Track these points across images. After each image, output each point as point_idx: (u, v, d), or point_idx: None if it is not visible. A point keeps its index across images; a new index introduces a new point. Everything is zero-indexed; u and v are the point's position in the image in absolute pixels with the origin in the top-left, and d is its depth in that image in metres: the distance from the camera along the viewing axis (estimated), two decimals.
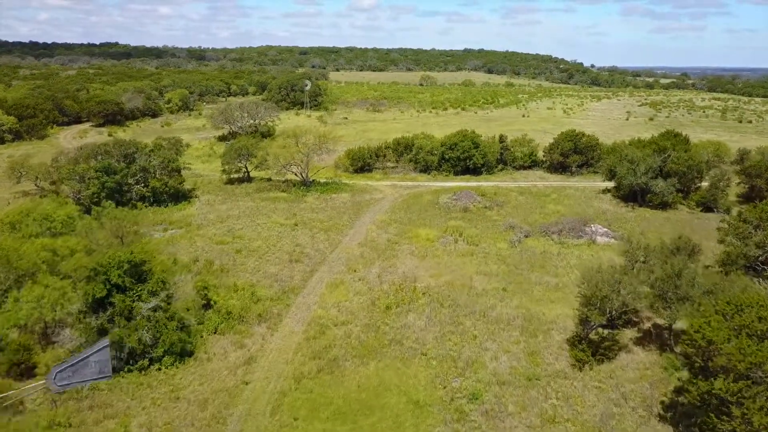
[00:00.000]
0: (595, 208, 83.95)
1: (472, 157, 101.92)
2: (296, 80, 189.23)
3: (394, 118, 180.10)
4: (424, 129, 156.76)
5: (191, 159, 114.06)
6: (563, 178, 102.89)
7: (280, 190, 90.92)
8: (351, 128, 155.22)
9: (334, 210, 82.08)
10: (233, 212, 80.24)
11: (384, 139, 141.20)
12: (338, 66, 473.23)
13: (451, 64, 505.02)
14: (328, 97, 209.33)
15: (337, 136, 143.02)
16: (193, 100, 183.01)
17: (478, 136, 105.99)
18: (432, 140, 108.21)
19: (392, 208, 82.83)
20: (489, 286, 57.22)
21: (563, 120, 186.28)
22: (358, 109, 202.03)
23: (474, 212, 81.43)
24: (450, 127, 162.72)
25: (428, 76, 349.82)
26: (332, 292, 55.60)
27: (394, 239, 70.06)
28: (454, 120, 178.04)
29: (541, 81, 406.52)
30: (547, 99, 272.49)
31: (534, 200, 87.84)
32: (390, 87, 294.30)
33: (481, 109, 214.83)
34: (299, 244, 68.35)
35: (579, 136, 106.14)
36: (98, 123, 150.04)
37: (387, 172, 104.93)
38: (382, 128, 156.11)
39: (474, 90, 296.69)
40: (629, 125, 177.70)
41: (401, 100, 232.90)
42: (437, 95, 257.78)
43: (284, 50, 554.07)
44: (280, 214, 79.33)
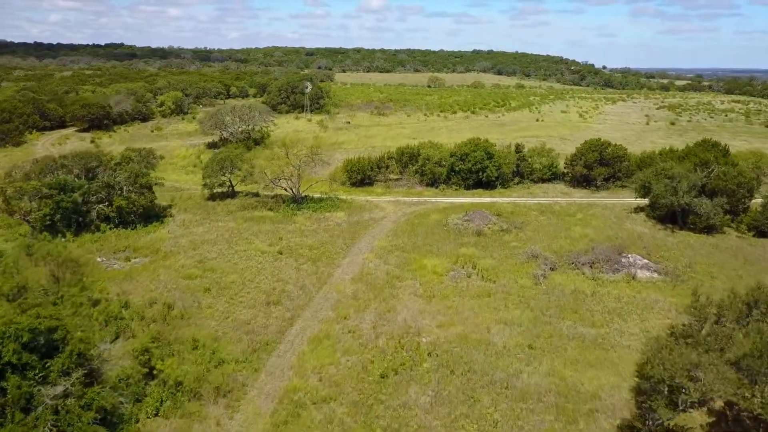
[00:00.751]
0: (629, 232, 72.02)
1: (485, 170, 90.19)
2: (297, 82, 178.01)
3: (400, 123, 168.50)
4: (432, 134, 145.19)
5: (175, 170, 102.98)
6: (588, 193, 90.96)
7: (266, 208, 79.43)
8: (353, 134, 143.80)
9: (326, 233, 70.57)
10: (210, 236, 68.87)
11: (388, 146, 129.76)
12: (345, 67, 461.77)
13: (459, 65, 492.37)
14: (330, 99, 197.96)
15: (338, 143, 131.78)
16: (187, 103, 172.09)
17: (491, 145, 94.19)
18: (440, 149, 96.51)
19: (394, 231, 71.25)
20: (511, 340, 45.55)
21: (579, 125, 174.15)
22: (362, 112, 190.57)
23: (489, 236, 69.70)
24: (459, 133, 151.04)
25: (436, 77, 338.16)
26: (314, 350, 44.08)
27: (395, 272, 58.48)
28: (464, 124, 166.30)
29: (552, 83, 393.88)
30: (560, 101, 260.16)
31: (557, 221, 75.99)
32: (396, 89, 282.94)
33: (492, 113, 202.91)
34: (281, 278, 56.88)
35: (604, 146, 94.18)
36: (82, 128, 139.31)
37: (390, 185, 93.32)
38: (386, 134, 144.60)
39: (484, 92, 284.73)
40: (650, 130, 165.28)
41: (408, 102, 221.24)
42: (446, 97, 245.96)
43: (290, 51, 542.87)
44: (263, 239, 67.89)
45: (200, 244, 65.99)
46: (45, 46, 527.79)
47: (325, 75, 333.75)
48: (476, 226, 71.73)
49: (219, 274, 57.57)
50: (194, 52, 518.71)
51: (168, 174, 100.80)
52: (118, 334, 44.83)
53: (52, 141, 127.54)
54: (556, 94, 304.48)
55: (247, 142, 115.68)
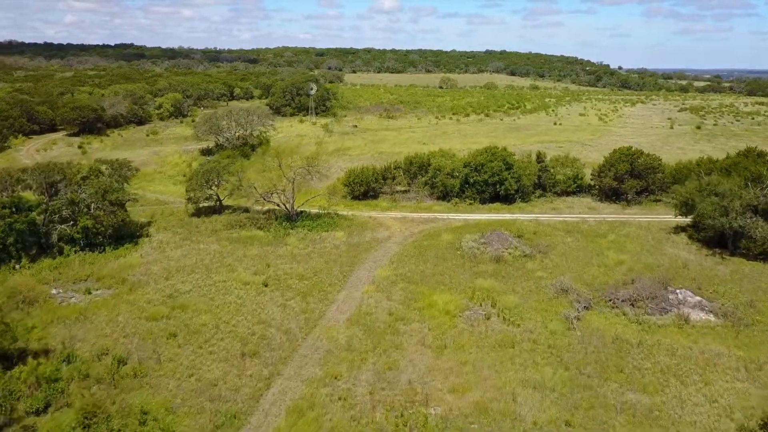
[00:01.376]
0: (671, 258, 61.84)
1: (503, 182, 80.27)
2: (302, 83, 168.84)
3: (410, 126, 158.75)
4: (444, 139, 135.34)
5: (162, 179, 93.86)
6: (618, 208, 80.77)
7: (256, 226, 69.90)
8: (360, 138, 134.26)
9: (321, 258, 60.97)
10: (188, 261, 59.49)
11: (397, 152, 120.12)
12: (355, 68, 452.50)
13: (472, 65, 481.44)
14: (337, 101, 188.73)
15: (343, 149, 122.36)
16: (187, 106, 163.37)
17: (510, 154, 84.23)
18: (453, 159, 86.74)
19: (400, 256, 61.54)
20: (543, 413, 35.72)
21: (600, 128, 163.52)
22: (370, 115, 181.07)
23: (510, 263, 59.82)
24: (473, 137, 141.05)
25: (448, 78, 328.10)
26: (294, 427, 34.56)
27: (399, 311, 48.78)
28: (478, 128, 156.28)
29: (567, 83, 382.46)
30: (577, 103, 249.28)
31: (587, 243, 65.94)
32: (407, 90, 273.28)
33: (507, 115, 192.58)
34: (262, 319, 47.37)
35: (636, 156, 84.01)
36: (73, 132, 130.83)
37: (396, 198, 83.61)
38: (395, 138, 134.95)
39: (497, 93, 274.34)
40: (676, 135, 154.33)
41: (419, 104, 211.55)
42: (458, 99, 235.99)
43: (300, 51, 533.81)
44: (248, 265, 58.42)
45: (175, 272, 56.61)
46: (55, 47, 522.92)
47: (334, 76, 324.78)
48: (494, 250, 61.89)
49: (190, 313, 48.11)
50: (204, 53, 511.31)
51: (155, 184, 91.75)
52: (49, 401, 35.57)
53: (38, 146, 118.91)
54: (572, 95, 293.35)
55: (243, 148, 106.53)
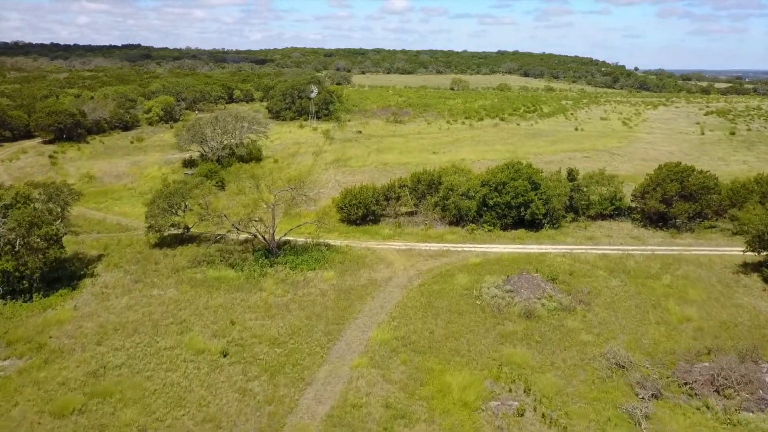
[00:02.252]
0: (750, 311, 47.95)
1: (529, 204, 66.57)
2: (303, 85, 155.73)
3: (418, 132, 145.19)
4: (456, 147, 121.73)
5: (131, 198, 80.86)
6: (666, 237, 66.83)
7: (228, 263, 56.64)
8: (363, 147, 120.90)
9: (303, 309, 47.67)
10: (132, 315, 46.37)
11: (404, 162, 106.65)
12: (364, 68, 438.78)
13: (484, 66, 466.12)
14: (342, 105, 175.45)
15: (343, 159, 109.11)
16: (179, 109, 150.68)
17: (536, 171, 70.49)
18: (468, 175, 73.23)
19: (403, 307, 48.12)
20: None
21: (626, 134, 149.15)
22: (376, 119, 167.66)
23: (544, 319, 46.28)
24: (488, 144, 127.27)
25: (460, 79, 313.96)
26: None
27: (400, 402, 35.33)
28: (493, 134, 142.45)
29: (583, 85, 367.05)
30: (596, 106, 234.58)
31: (637, 288, 52.20)
32: (417, 92, 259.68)
33: (524, 120, 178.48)
34: (210, 416, 34.02)
35: (686, 173, 70.14)
36: (48, 139, 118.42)
37: (401, 223, 70.04)
38: (402, 146, 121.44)
39: (512, 95, 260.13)
40: (710, 142, 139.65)
41: (429, 107, 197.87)
42: (470, 101, 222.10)
43: (309, 52, 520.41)
44: (208, 322, 45.22)
45: (111, 333, 43.47)
46: (62, 47, 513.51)
47: (341, 77, 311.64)
48: (523, 300, 48.32)
49: (113, 404, 34.90)
50: (211, 54, 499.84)
51: (121, 204, 78.83)
52: None
53: (4, 156, 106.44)
54: (590, 97, 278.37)
55: (229, 159, 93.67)
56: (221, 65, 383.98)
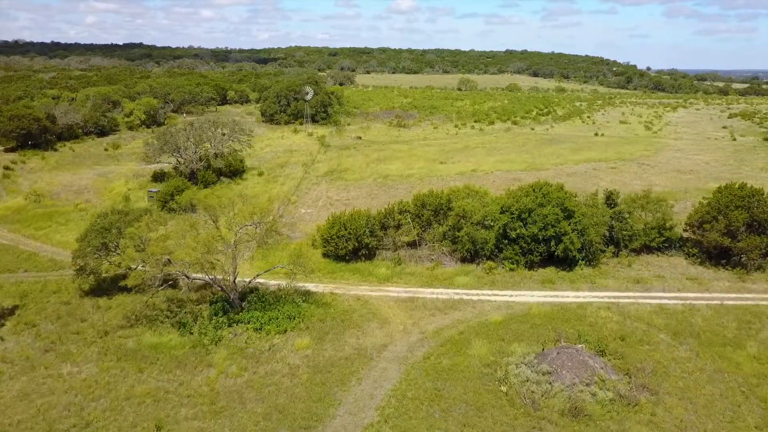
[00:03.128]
0: None
1: (561, 237, 52.98)
2: (299, 86, 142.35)
3: (424, 138, 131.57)
4: (466, 155, 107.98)
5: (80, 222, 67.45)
6: (732, 279, 52.99)
7: (176, 319, 43.23)
8: (361, 155, 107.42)
9: (261, 402, 34.18)
10: (22, 412, 32.94)
11: (406, 175, 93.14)
12: (369, 68, 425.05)
13: (492, 66, 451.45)
14: (342, 107, 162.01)
15: (338, 170, 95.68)
16: (164, 112, 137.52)
17: (568, 196, 56.73)
18: (483, 199, 59.55)
19: (399, 398, 34.45)
20: None
21: (651, 140, 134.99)
22: (379, 123, 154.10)
23: (597, 421, 32.67)
24: (501, 152, 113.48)
25: (467, 79, 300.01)
26: None
27: None
28: (506, 140, 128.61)
29: (595, 85, 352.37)
30: (611, 108, 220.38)
31: (715, 362, 38.45)
32: (423, 93, 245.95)
33: (538, 123, 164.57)
34: None
35: (754, 198, 56.37)
36: (10, 146, 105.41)
37: (401, 259, 56.39)
38: (405, 155, 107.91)
39: (522, 96, 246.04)
40: (746, 150, 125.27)
41: (435, 109, 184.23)
42: (479, 103, 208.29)
43: (313, 51, 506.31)
44: (123, 425, 31.96)
45: None
46: (62, 46, 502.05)
47: (345, 77, 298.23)
48: (566, 387, 34.71)
49: None
50: (213, 53, 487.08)
51: (66, 230, 65.41)
52: None
53: None
54: (604, 99, 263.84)
55: (204, 172, 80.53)
56: (222, 65, 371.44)
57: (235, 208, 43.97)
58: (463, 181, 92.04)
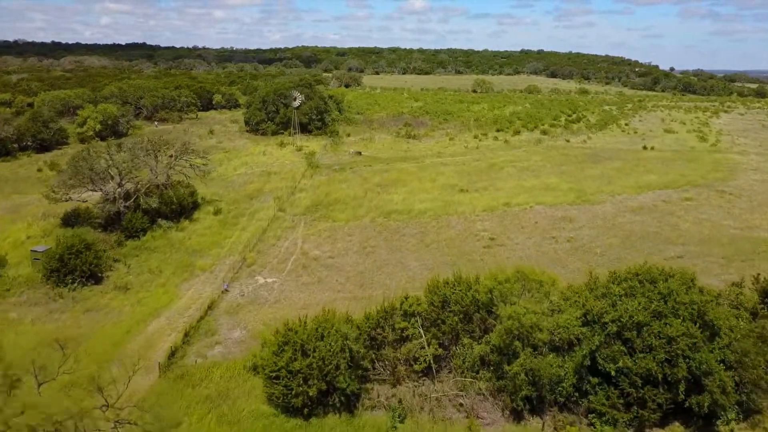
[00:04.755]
0: None
1: (701, 380, 28.04)
2: (289, 90, 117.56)
3: (438, 153, 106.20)
4: (492, 180, 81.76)
5: None
6: None
7: None
8: (359, 180, 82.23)
9: None
10: None
11: (416, 210, 67.94)
12: (378, 68, 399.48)
13: (507, 66, 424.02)
14: (342, 114, 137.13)
15: (326, 203, 70.82)
16: (127, 121, 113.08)
17: (707, 298, 31.61)
18: (546, 290, 34.39)
19: None
20: None
21: (714, 156, 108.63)
22: (385, 132, 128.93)
23: None
24: (537, 175, 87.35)
25: (483, 80, 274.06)
26: None
27: None
28: (539, 157, 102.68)
29: (618, 86, 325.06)
30: (645, 112, 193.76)
31: None
32: (435, 95, 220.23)
33: (570, 132, 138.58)
34: None
35: None
36: None
37: (406, 406, 31.68)
38: (415, 179, 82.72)
39: (544, 99, 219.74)
40: None
41: (450, 115, 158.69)
42: (498, 107, 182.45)
43: (321, 50, 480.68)
44: None
45: None
46: (62, 46, 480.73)
47: (351, 77, 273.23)
48: None
49: None
50: (218, 53, 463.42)
51: None
52: None
53: None
54: (633, 102, 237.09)
55: (132, 215, 55.90)
56: (223, 65, 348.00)
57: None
58: (494, 222, 66.70)
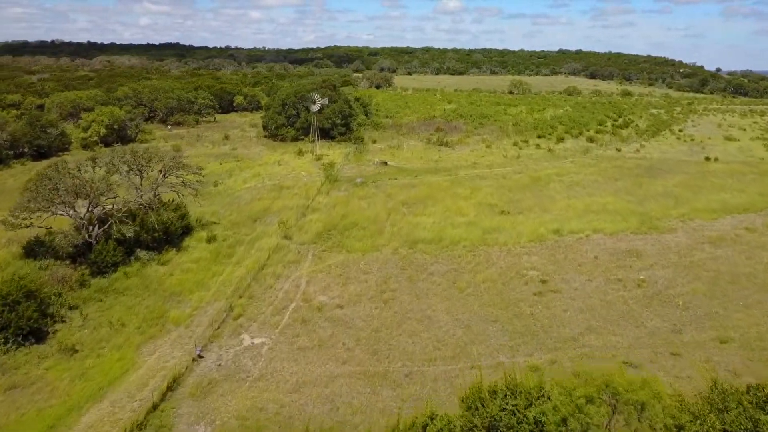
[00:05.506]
0: None
1: None
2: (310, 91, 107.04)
3: (474, 163, 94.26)
4: (537, 199, 68.17)
5: None
6: None
7: None
8: (381, 197, 70.93)
9: None
10: None
11: (449, 239, 55.91)
12: (411, 69, 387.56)
13: (543, 66, 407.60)
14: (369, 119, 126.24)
15: (340, 227, 59.61)
16: (136, 125, 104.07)
17: None
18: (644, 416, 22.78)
19: None
20: None
21: None
22: (416, 138, 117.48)
23: None
24: (590, 193, 72.59)
25: (520, 81, 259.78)
26: None
27: None
28: (590, 170, 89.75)
29: (662, 88, 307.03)
30: (696, 117, 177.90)
31: None
32: (470, 97, 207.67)
33: (620, 139, 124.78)
34: None
35: None
36: None
37: None
38: (447, 196, 71.03)
39: (586, 102, 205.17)
40: None
41: (486, 119, 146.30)
42: (538, 110, 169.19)
43: (353, 50, 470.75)
44: None
45: None
46: (97, 46, 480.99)
47: (382, 78, 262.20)
48: None
49: None
50: (249, 53, 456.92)
51: None
52: None
53: None
54: (682, 105, 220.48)
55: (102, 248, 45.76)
56: (253, 65, 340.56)
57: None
58: (544, 256, 54.32)
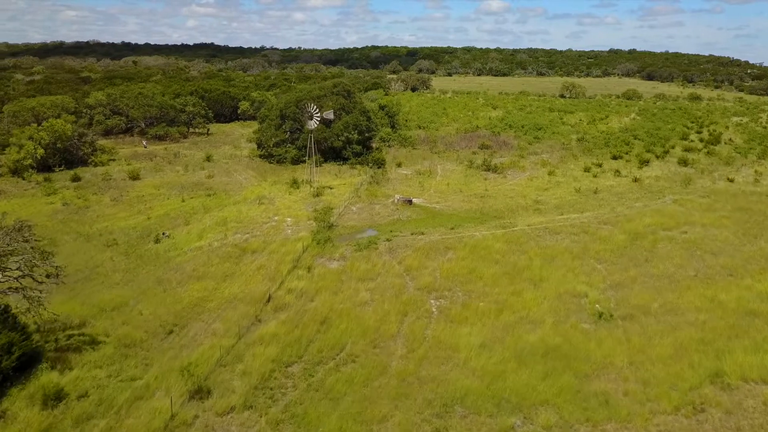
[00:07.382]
0: None
1: None
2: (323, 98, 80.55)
3: (535, 203, 65.76)
4: (643, 276, 38.17)
5: None
6: None
7: None
8: (392, 278, 43.54)
9: None
10: None
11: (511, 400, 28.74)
12: (451, 69, 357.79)
13: (594, 67, 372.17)
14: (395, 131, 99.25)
15: (317, 351, 32.72)
16: (89, 142, 79.16)
17: None
18: None
19: None
20: None
21: None
22: (453, 159, 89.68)
23: None
24: (731, 272, 42.68)
25: (572, 84, 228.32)
26: None
27: None
28: (711, 218, 59.99)
29: (731, 91, 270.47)
30: None
31: None
32: (517, 101, 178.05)
33: (722, 161, 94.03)
34: None
35: None
36: None
37: None
38: (500, 275, 43.06)
39: (652, 107, 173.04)
40: None
41: (541, 131, 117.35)
42: (599, 118, 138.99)
43: (390, 50, 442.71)
44: None
45: None
46: (131, 47, 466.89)
47: (419, 80, 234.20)
48: None
49: None
50: (283, 54, 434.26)
51: None
52: None
53: None
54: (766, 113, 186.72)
55: None
56: (283, 66, 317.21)
57: None
58: None
